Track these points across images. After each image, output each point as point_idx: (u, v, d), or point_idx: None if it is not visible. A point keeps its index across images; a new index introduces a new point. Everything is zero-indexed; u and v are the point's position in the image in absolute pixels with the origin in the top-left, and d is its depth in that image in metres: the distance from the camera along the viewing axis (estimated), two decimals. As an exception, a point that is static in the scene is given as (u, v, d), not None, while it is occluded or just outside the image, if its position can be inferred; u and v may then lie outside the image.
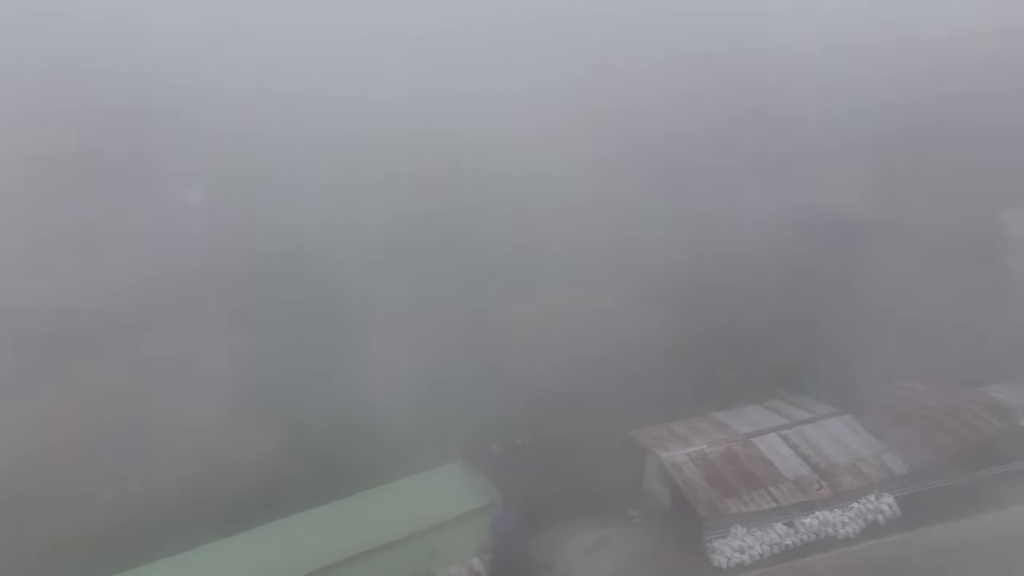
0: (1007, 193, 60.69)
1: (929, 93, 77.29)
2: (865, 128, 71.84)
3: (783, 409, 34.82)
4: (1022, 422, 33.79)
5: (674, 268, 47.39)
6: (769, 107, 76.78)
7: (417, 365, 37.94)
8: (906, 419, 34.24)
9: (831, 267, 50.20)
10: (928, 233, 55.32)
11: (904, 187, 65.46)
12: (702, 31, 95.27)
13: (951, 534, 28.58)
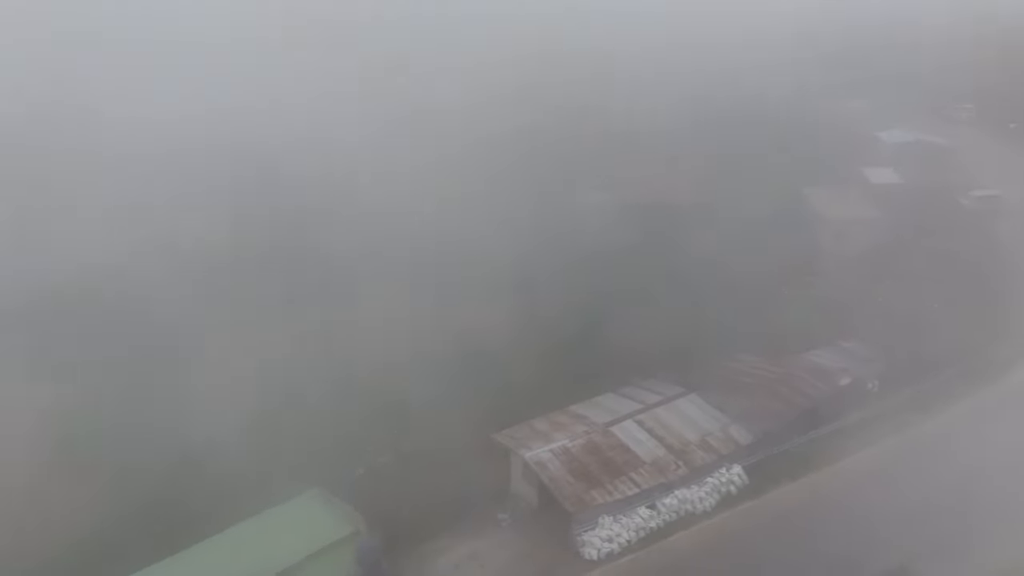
0: (808, 173, 67.30)
1: (734, 87, 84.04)
2: (681, 119, 76.47)
3: (636, 394, 35.91)
4: (842, 383, 37.17)
5: (512, 265, 47.63)
6: (593, 104, 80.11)
7: (258, 390, 35.31)
8: (744, 391, 36.60)
9: (661, 253, 52.82)
10: (745, 214, 59.94)
11: (720, 172, 70.65)
12: (530, 34, 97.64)
13: (792, 495, 30.80)
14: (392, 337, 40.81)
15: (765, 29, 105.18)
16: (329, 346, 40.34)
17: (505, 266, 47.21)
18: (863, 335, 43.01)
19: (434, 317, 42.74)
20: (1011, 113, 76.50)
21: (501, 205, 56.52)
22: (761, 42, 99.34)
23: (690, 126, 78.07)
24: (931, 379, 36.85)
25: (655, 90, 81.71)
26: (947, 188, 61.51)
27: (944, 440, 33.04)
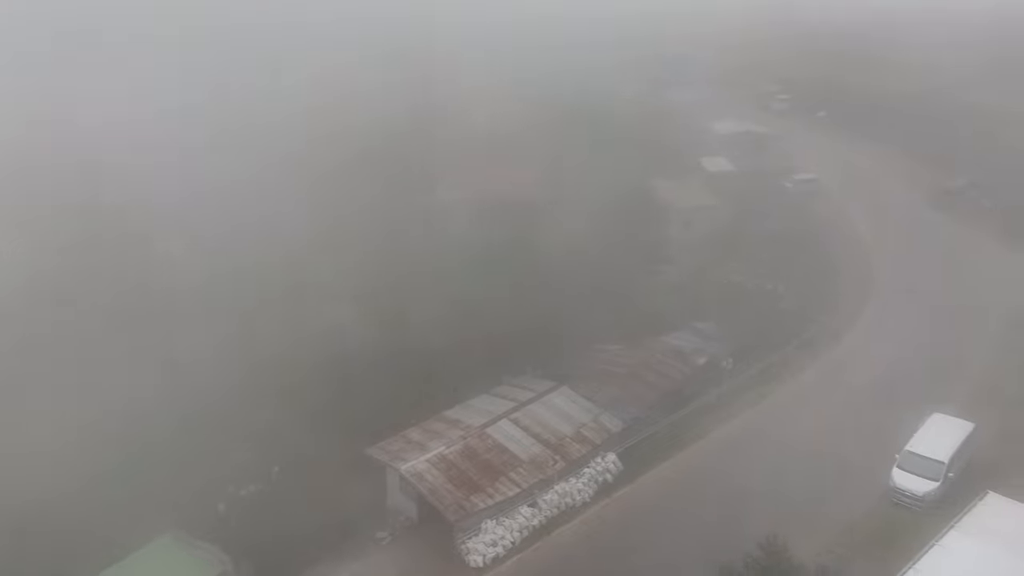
0: (652, 165, 70.48)
1: (581, 85, 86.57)
2: (531, 118, 77.70)
3: (509, 393, 35.71)
4: (700, 363, 39.01)
5: (366, 269, 46.11)
6: (441, 104, 79.59)
7: (92, 427, 31.65)
8: (610, 379, 37.49)
9: (519, 249, 53.15)
10: (596, 207, 61.80)
11: (570, 168, 72.46)
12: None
13: (664, 475, 31.82)
14: (240, 354, 38.07)
15: (605, 29, 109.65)
16: (170, 373, 36.91)
17: (361, 271, 45.59)
18: (714, 316, 45.63)
19: (287, 327, 40.41)
20: (819, 103, 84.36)
21: (353, 207, 54.76)
22: (602, 42, 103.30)
23: (540, 124, 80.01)
24: (777, 352, 39.43)
25: (504, 91, 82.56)
26: (772, 173, 66.86)
27: (794, 406, 35.47)
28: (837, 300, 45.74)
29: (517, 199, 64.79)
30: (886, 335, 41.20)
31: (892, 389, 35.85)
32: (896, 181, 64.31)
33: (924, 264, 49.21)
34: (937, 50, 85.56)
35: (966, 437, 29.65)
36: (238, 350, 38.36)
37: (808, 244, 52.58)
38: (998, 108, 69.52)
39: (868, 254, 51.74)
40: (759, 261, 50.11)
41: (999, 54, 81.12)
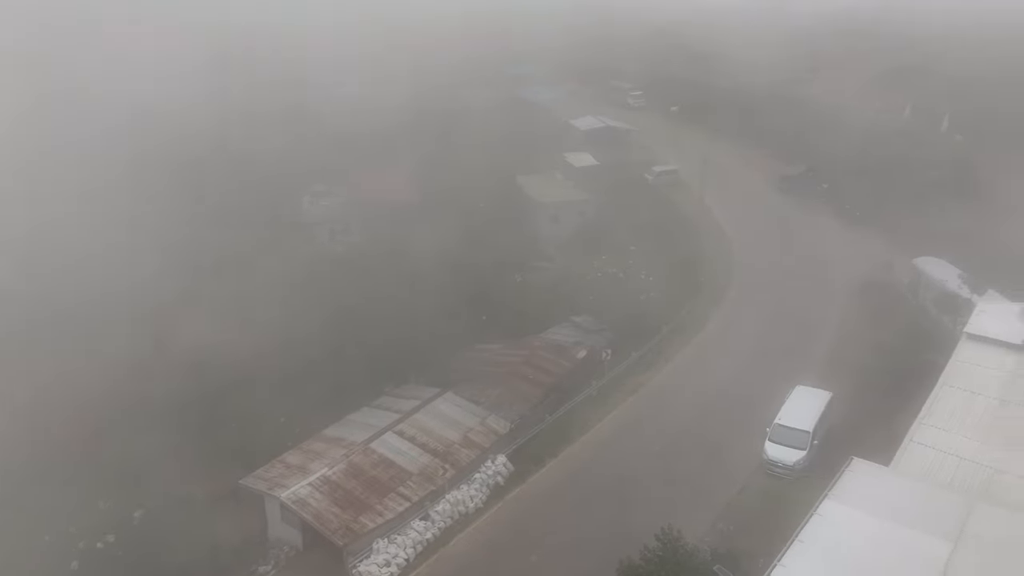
0: (521, 163, 71.13)
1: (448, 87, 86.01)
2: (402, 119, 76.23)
3: (392, 404, 34.58)
4: (580, 356, 39.49)
5: (227, 284, 43.33)
6: (310, 105, 76.54)
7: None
8: (494, 379, 37.16)
9: (394, 253, 51.91)
10: (470, 207, 61.50)
11: (442, 168, 71.77)
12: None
13: (555, 471, 31.83)
14: (91, 390, 34.55)
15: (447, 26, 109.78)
16: (12, 420, 32.85)
17: (221, 287, 42.68)
18: (590, 308, 46.48)
19: (140, 355, 37.14)
20: (671, 99, 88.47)
21: (203, 217, 51.41)
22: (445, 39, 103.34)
23: (401, 126, 78.64)
24: (651, 340, 40.65)
25: (371, 91, 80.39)
26: (634, 166, 69.33)
27: (671, 391, 36.66)
28: (702, 283, 47.92)
29: (389, 202, 63.60)
30: (748, 313, 43.58)
31: (758, 364, 37.88)
32: (745, 169, 68.49)
33: (777, 243, 52.62)
34: (760, 48, 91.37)
35: (826, 405, 31.74)
36: (87, 386, 34.80)
37: (672, 232, 54.77)
38: (823, 101, 75.62)
39: (726, 238, 54.65)
40: (628, 252, 51.66)
41: (815, 51, 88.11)
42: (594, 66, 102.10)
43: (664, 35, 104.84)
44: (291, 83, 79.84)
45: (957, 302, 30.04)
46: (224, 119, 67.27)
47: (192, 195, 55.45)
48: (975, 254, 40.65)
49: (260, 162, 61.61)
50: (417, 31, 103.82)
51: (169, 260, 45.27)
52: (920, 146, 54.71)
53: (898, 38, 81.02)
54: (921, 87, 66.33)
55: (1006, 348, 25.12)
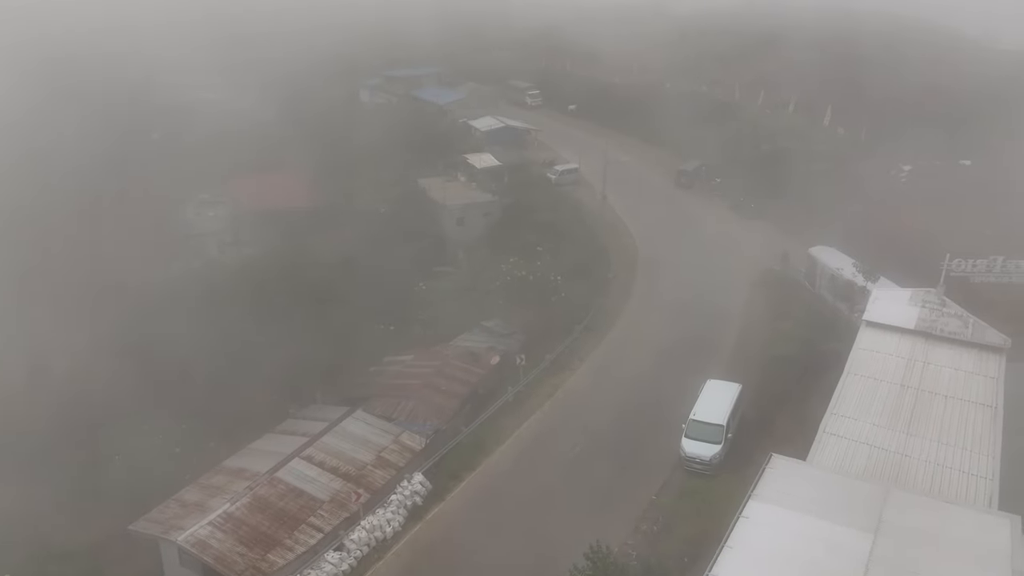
0: (421, 165, 69.55)
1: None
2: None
3: (298, 427, 32.59)
4: (494, 363, 38.65)
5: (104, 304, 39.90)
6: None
7: None
8: (406, 393, 35.79)
9: (291, 263, 49.34)
10: (371, 212, 59.53)
11: (339, 173, 69.25)
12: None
13: (475, 485, 30.86)
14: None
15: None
16: None
17: (98, 307, 39.21)
18: (501, 312, 45.76)
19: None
20: (567, 97, 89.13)
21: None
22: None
23: (299, 128, 75.62)
24: (564, 341, 40.33)
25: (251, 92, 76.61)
26: (536, 165, 69.25)
27: (588, 392, 36.42)
28: (610, 280, 48.16)
29: (284, 209, 60.72)
30: (656, 307, 44.08)
31: (669, 358, 38.28)
32: (642, 165, 69.63)
33: (678, 237, 53.66)
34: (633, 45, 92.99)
35: (736, 397, 32.31)
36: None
37: (577, 231, 54.83)
38: (714, 98, 78.04)
39: (630, 234, 55.28)
40: (535, 253, 51.26)
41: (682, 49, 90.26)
42: (487, 66, 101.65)
43: (550, 35, 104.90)
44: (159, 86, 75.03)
45: (853, 290, 31.23)
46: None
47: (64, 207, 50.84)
48: (860, 242, 42.72)
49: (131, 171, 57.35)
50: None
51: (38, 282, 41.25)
52: (805, 140, 57.21)
53: (778, 36, 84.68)
54: (803, 83, 69.53)
55: (901, 333, 26.17)
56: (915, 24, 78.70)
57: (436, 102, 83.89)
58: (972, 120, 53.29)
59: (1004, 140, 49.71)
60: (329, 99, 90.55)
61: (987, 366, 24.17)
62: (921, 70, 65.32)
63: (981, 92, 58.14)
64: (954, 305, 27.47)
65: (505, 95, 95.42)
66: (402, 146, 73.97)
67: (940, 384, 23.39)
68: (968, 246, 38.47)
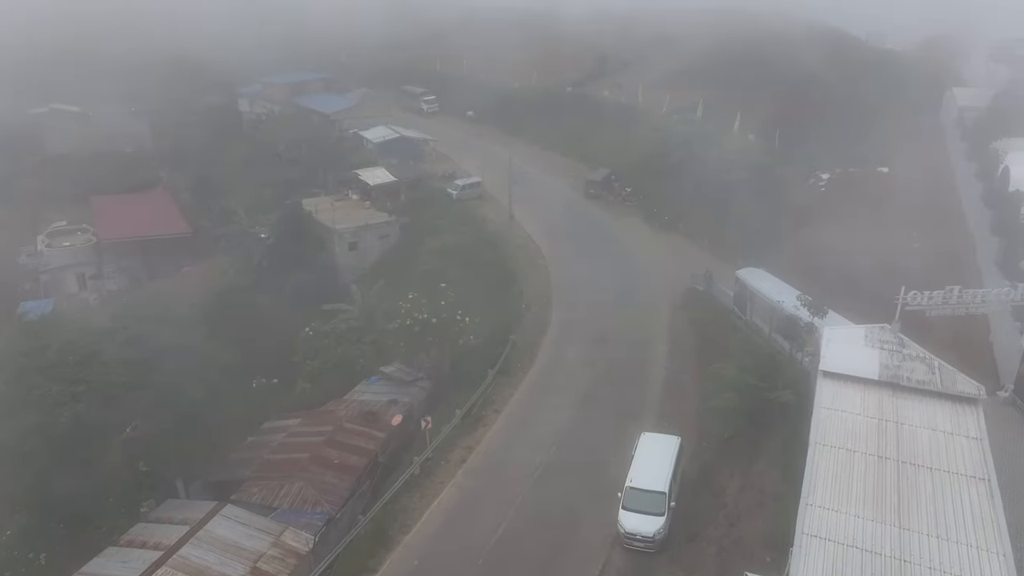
0: (307, 184, 63.07)
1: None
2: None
3: (149, 535, 26.08)
4: (395, 423, 33.19)
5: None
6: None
7: None
8: (290, 471, 29.86)
9: (155, 306, 42.14)
10: (244, 238, 52.82)
11: (205, 193, 61.97)
12: None
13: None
14: None
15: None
16: None
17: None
18: (403, 354, 40.27)
19: None
20: (466, 104, 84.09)
21: None
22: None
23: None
24: (475, 390, 35.27)
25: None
26: (435, 179, 63.87)
27: (507, 453, 31.46)
28: (523, 310, 43.55)
29: (152, 237, 53.50)
30: (575, 341, 39.70)
31: (595, 403, 34.01)
32: (549, 175, 65.62)
33: (592, 255, 49.67)
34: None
35: (676, 454, 28.24)
36: None
37: (484, 253, 49.95)
38: (605, 101, 74.94)
39: (541, 254, 50.87)
40: (440, 278, 46.00)
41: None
42: (379, 70, 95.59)
43: (442, 38, 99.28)
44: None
45: (797, 327, 27.92)
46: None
47: None
48: (788, 261, 39.99)
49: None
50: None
51: None
52: (715, 147, 54.58)
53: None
54: (706, 86, 67.36)
55: (865, 386, 22.75)
56: (809, 25, 78.32)
57: (323, 111, 76.99)
58: (880, 124, 52.09)
59: (915, 144, 48.59)
60: (203, 109, 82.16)
61: (966, 423, 21.02)
62: (821, 71, 64.43)
63: (885, 95, 57.40)
64: (914, 345, 24.42)
65: (399, 101, 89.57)
66: (286, 162, 67.23)
67: (921, 452, 19.97)
68: (900, 265, 36.23)
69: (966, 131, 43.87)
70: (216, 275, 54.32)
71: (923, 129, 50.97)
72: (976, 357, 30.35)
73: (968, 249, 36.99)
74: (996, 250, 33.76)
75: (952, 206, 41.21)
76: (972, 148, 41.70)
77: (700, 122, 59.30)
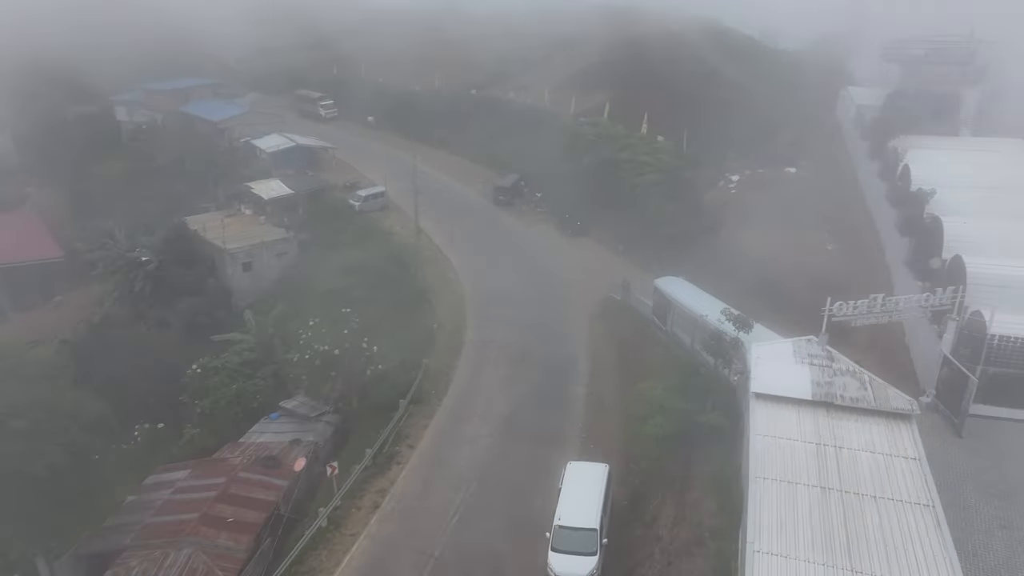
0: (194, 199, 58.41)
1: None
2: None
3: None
4: (297, 469, 29.96)
5: None
6: None
7: None
8: (176, 536, 26.28)
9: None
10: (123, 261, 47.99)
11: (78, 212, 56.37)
12: None
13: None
14: None
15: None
16: None
17: None
18: (307, 384, 36.97)
19: None
20: (366, 108, 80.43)
21: None
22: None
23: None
24: (386, 424, 32.44)
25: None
26: (335, 190, 60.16)
27: (423, 496, 28.87)
28: (435, 330, 40.97)
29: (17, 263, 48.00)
30: (492, 361, 37.49)
31: (516, 430, 31.94)
32: (456, 181, 63.26)
33: (505, 266, 47.64)
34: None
35: (605, 484, 26.51)
36: None
37: (391, 269, 46.98)
38: (512, 103, 73.23)
39: (452, 267, 48.41)
40: (345, 299, 42.85)
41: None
42: (270, 74, 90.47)
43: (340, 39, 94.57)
44: None
45: (723, 342, 26.74)
46: None
47: None
48: (705, 267, 39.22)
49: None
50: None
51: None
52: (625, 149, 53.64)
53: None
54: (610, 88, 66.57)
55: (799, 407, 21.60)
56: (704, 23, 78.88)
57: (211, 119, 71.59)
58: (781, 123, 52.49)
59: (817, 143, 49.09)
60: (73, 119, 75.57)
61: (903, 443, 20.15)
62: (721, 70, 64.74)
63: (783, 94, 58.05)
64: (843, 358, 23.57)
65: (295, 106, 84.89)
66: (170, 175, 62.00)
67: (863, 479, 18.87)
68: (816, 268, 35.99)
69: (865, 130, 44.54)
70: (93, 305, 49.19)
71: (823, 128, 51.64)
72: (893, 360, 30.17)
73: (877, 249, 37.14)
74: (905, 249, 33.84)
75: (858, 205, 41.55)
76: (873, 147, 42.24)
77: (608, 124, 58.32)
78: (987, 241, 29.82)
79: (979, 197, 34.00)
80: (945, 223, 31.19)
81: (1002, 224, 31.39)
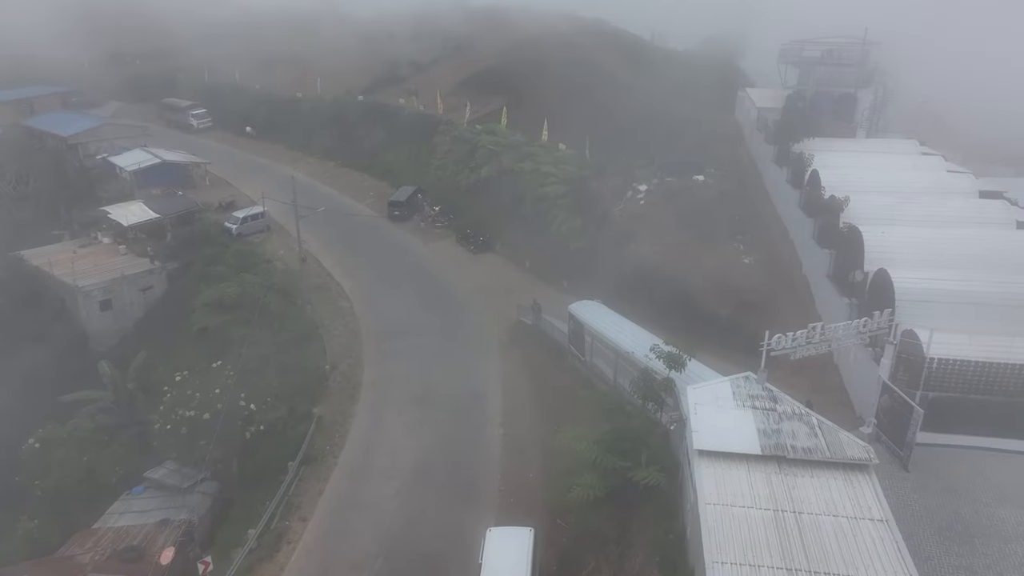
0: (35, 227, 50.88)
1: None
2: None
3: None
4: (164, 561, 24.91)
5: None
6: None
7: None
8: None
9: None
10: None
11: None
12: None
13: None
14: None
15: None
16: None
17: None
18: (179, 448, 31.58)
19: None
20: (243, 117, 73.92)
21: None
22: None
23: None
24: (273, 493, 27.83)
25: None
26: (208, 212, 53.91)
27: (325, 570, 24.68)
28: (327, 371, 36.42)
29: None
30: (393, 405, 33.37)
31: (426, 489, 28.10)
32: (345, 195, 58.70)
33: (404, 290, 43.60)
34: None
35: (532, 553, 23.15)
36: None
37: (274, 304, 41.79)
38: (402, 109, 69.02)
39: (344, 295, 43.84)
40: (214, 341, 37.62)
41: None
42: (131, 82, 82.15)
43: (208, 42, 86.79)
44: None
45: (654, 384, 24.01)
46: None
47: None
48: (613, 283, 36.76)
49: None
50: None
51: None
52: (526, 158, 50.60)
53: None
54: (504, 93, 63.53)
55: (749, 465, 19.00)
56: (594, 25, 77.25)
57: (59, 133, 63.34)
58: (682, 128, 50.97)
59: (721, 148, 47.75)
60: None
61: (866, 500, 17.90)
62: (616, 73, 63.03)
63: (680, 96, 56.74)
64: (785, 398, 21.27)
65: (162, 116, 77.23)
66: (11, 200, 54.05)
67: (831, 554, 16.41)
68: (735, 283, 34.12)
69: (769, 134, 43.54)
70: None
71: (724, 132, 50.51)
72: (825, 383, 28.52)
73: (795, 261, 35.72)
74: (823, 261, 32.42)
75: (769, 212, 40.23)
76: (779, 152, 41.15)
77: (506, 131, 55.22)
78: (906, 251, 28.66)
79: (889, 203, 33.01)
80: (864, 233, 29.85)
81: (916, 232, 30.36)
